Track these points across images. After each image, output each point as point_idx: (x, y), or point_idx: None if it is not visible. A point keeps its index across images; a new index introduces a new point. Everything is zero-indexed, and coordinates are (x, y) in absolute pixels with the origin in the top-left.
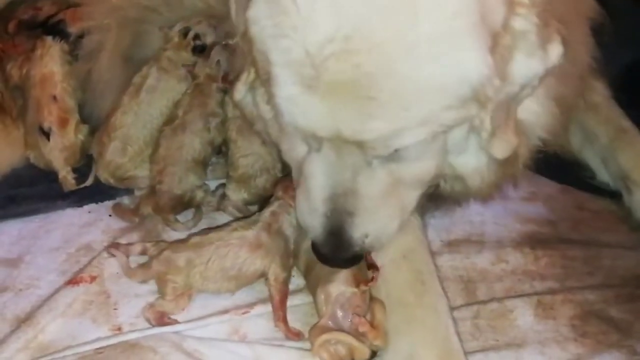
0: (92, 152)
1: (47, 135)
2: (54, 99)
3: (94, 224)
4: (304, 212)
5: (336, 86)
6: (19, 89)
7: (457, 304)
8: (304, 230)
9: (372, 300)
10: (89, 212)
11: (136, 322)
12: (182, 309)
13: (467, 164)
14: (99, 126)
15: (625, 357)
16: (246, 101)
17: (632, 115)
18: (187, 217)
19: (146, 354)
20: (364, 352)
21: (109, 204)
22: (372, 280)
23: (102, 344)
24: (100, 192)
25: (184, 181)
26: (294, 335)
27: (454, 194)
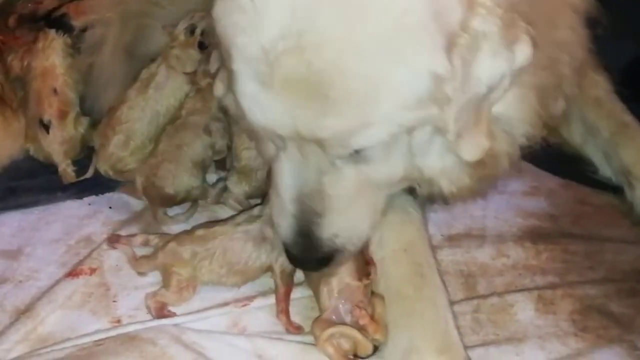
0: (94, 144)
1: (46, 128)
2: (55, 91)
3: (94, 216)
4: (275, 212)
5: (290, 83)
6: (19, 80)
7: (457, 298)
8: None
9: (372, 294)
10: (89, 204)
11: (135, 314)
12: (184, 301)
13: (433, 166)
14: (100, 119)
15: (625, 352)
16: (230, 100)
17: (634, 109)
18: (175, 211)
19: (145, 346)
20: (367, 347)
21: (109, 196)
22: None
23: (102, 336)
24: (100, 184)
25: (177, 181)
26: (295, 329)
27: (436, 197)
